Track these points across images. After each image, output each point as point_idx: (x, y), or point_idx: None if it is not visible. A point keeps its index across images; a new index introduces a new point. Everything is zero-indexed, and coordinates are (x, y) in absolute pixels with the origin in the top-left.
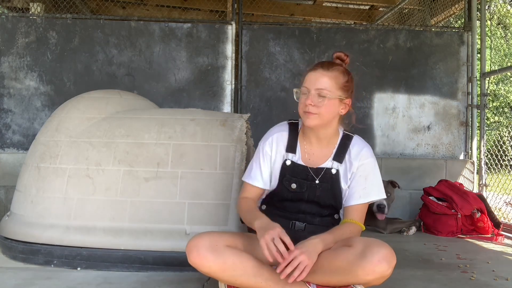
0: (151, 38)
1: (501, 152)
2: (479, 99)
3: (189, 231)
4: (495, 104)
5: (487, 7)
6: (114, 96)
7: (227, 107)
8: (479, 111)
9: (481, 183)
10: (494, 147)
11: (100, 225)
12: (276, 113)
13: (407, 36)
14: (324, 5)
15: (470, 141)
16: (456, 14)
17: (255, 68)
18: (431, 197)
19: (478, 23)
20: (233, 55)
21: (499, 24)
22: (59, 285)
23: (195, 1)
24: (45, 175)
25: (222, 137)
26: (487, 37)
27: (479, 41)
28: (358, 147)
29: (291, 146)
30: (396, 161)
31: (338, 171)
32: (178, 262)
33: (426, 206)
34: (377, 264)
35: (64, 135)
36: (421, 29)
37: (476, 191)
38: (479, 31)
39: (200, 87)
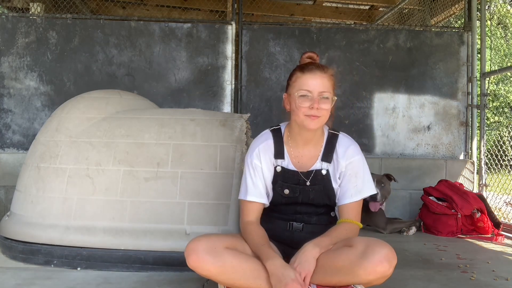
0: (151, 38)
1: (501, 152)
2: (479, 99)
3: (189, 231)
4: (495, 104)
5: (487, 7)
6: (114, 96)
7: (227, 107)
8: (479, 111)
9: (481, 183)
10: (494, 147)
11: (100, 225)
12: (276, 113)
13: (407, 36)
14: (324, 5)
15: (470, 141)
16: (456, 14)
17: (255, 68)
18: (431, 197)
19: (478, 23)
20: (233, 55)
21: (499, 24)
22: (59, 285)
23: (195, 1)
24: (45, 175)
25: (222, 137)
26: (487, 37)
27: (479, 41)
28: (344, 146)
29: (279, 152)
30: (396, 161)
31: (328, 171)
32: (178, 262)
33: (426, 206)
34: (378, 264)
35: (64, 135)
36: (421, 29)
37: (476, 191)
38: (479, 31)
39: (200, 87)
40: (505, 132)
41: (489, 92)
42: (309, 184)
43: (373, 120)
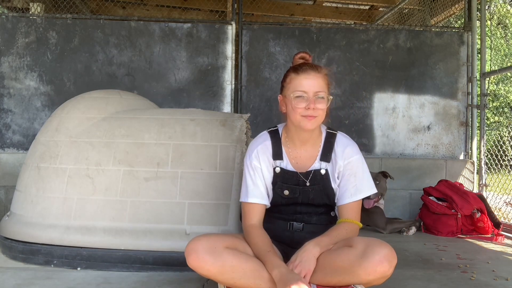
0: (151, 38)
1: (501, 152)
2: (479, 99)
3: (189, 231)
4: (495, 104)
5: (487, 7)
6: (114, 96)
7: (227, 107)
8: (479, 111)
9: (481, 183)
10: (494, 147)
11: (100, 225)
12: (276, 113)
13: (407, 36)
14: (324, 5)
15: (470, 141)
16: (456, 14)
17: (255, 68)
18: (431, 197)
19: (478, 23)
20: (233, 55)
21: (499, 24)
22: (59, 285)
23: (195, 1)
24: (45, 175)
25: (222, 137)
26: (487, 37)
27: (479, 41)
28: (342, 146)
29: (277, 153)
30: (396, 161)
31: (327, 170)
32: (178, 262)
33: (426, 206)
34: (378, 264)
35: (64, 135)
36: (421, 29)
37: (476, 191)
38: (479, 31)
39: (200, 87)
40: (505, 132)
41: (489, 92)
42: (308, 184)
43: (373, 120)
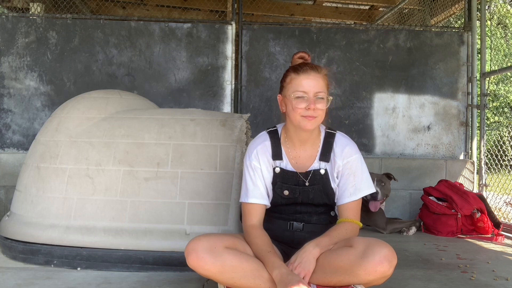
0: (151, 38)
1: (501, 152)
2: (479, 99)
3: (189, 231)
4: (495, 104)
5: (487, 7)
6: (114, 96)
7: (227, 107)
8: (479, 111)
9: (481, 183)
10: (494, 147)
11: (100, 225)
12: (276, 113)
13: (407, 36)
14: (324, 5)
15: (470, 141)
16: (456, 14)
17: (255, 68)
18: (431, 197)
19: (478, 23)
20: (233, 55)
21: (499, 24)
22: (59, 285)
23: (195, 1)
24: (45, 175)
25: (222, 137)
26: (487, 37)
27: (479, 41)
28: (341, 146)
29: (277, 153)
30: (396, 161)
31: (326, 170)
32: (178, 262)
33: (426, 206)
34: (379, 264)
35: (64, 135)
36: (421, 29)
37: (476, 191)
38: (479, 31)
39: (200, 87)
40: (505, 132)
41: (489, 92)
42: (308, 184)
43: (373, 120)
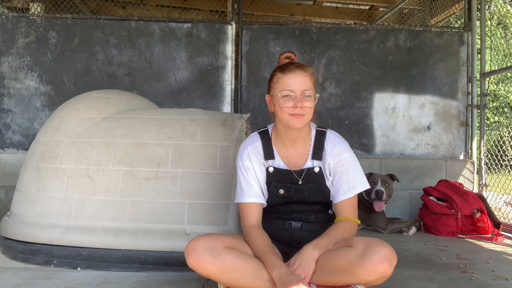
0: (151, 38)
1: (501, 152)
2: (479, 99)
3: (189, 231)
4: (495, 104)
5: (487, 7)
6: (114, 96)
7: (227, 107)
8: (479, 111)
9: (481, 183)
10: (494, 147)
11: (100, 225)
12: None
13: (407, 36)
14: (324, 5)
15: (470, 141)
16: (456, 14)
17: (255, 68)
18: (431, 197)
19: (478, 23)
20: (233, 55)
21: (499, 24)
22: (59, 285)
23: (195, 1)
24: (45, 175)
25: (222, 137)
26: (487, 37)
27: (479, 41)
28: (331, 144)
29: (269, 153)
30: (396, 161)
31: (321, 168)
32: (178, 262)
33: (426, 206)
34: (379, 264)
35: (64, 135)
36: (421, 29)
37: (476, 191)
38: (479, 31)
39: (200, 87)
40: (505, 132)
41: (489, 92)
42: (302, 182)
43: (373, 120)
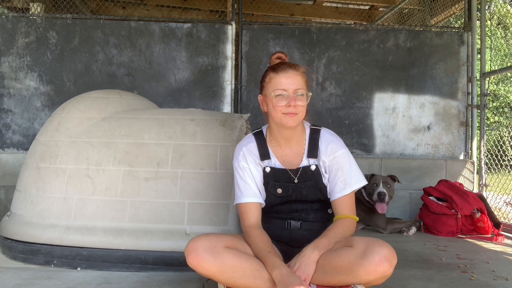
0: (151, 38)
1: (501, 152)
2: (479, 99)
3: (189, 231)
4: (495, 104)
5: (487, 7)
6: (114, 96)
7: (227, 107)
8: (479, 111)
9: (481, 183)
10: (494, 147)
11: (100, 225)
12: None
13: (407, 36)
14: (324, 5)
15: (470, 141)
16: (456, 14)
17: (255, 68)
18: (431, 197)
19: (478, 23)
20: (233, 55)
21: (499, 24)
22: (59, 285)
23: (195, 1)
24: (45, 175)
25: (222, 137)
26: (487, 37)
27: (479, 41)
28: (325, 142)
29: (264, 153)
30: (396, 161)
31: (317, 166)
32: (178, 262)
33: (426, 206)
34: (379, 264)
35: (64, 135)
36: (421, 29)
37: (476, 191)
38: (479, 31)
39: (200, 87)
40: (505, 132)
41: (489, 92)
42: (300, 181)
43: (373, 120)
